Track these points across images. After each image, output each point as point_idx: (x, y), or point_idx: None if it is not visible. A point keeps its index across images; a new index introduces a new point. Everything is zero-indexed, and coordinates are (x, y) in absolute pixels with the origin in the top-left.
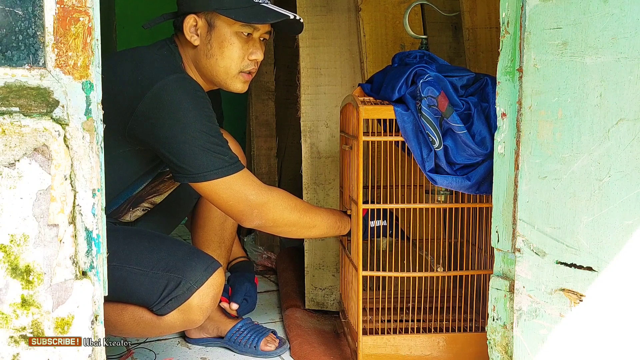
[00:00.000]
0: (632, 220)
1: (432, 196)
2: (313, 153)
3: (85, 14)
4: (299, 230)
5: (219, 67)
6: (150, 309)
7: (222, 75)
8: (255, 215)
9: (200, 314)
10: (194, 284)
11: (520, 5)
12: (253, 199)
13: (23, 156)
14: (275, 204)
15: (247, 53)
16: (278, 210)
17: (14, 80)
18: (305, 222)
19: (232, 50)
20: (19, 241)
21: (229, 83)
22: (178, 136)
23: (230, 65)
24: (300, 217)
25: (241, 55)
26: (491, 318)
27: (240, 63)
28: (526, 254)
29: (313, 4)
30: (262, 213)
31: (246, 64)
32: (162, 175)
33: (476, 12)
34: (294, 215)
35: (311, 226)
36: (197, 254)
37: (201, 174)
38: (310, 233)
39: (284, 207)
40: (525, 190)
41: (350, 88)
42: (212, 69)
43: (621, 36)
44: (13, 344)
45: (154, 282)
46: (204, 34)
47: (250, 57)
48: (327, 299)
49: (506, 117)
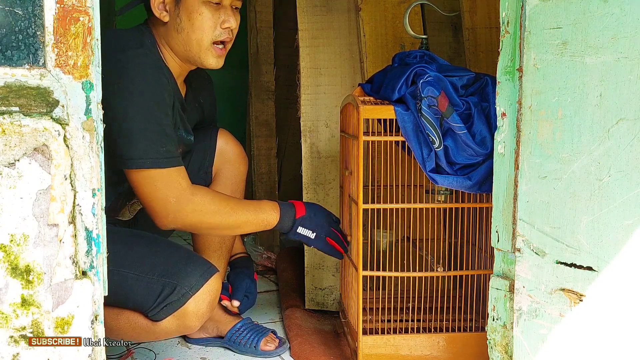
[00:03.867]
0: (632, 220)
1: (432, 196)
2: (313, 153)
3: (85, 14)
4: (221, 232)
5: (190, 40)
6: (146, 315)
7: (195, 49)
8: (170, 220)
9: (196, 320)
10: (190, 290)
11: (520, 5)
12: (172, 202)
13: (23, 156)
14: (195, 210)
15: (219, 21)
16: (197, 217)
17: (14, 80)
18: (227, 224)
19: (202, 20)
20: (19, 241)
21: (203, 57)
22: (120, 112)
23: (202, 37)
24: (222, 221)
25: (212, 25)
26: (491, 318)
27: (212, 33)
28: (526, 254)
29: (313, 4)
30: (178, 219)
31: (219, 33)
32: None
33: (476, 12)
34: (215, 219)
35: (235, 227)
36: (194, 259)
37: (130, 160)
38: (234, 233)
39: (205, 212)
40: (525, 190)
41: (350, 88)
42: (185, 43)
43: (621, 36)
44: (13, 343)
45: (149, 287)
46: (172, 8)
47: (222, 25)
48: (327, 299)
49: (506, 117)
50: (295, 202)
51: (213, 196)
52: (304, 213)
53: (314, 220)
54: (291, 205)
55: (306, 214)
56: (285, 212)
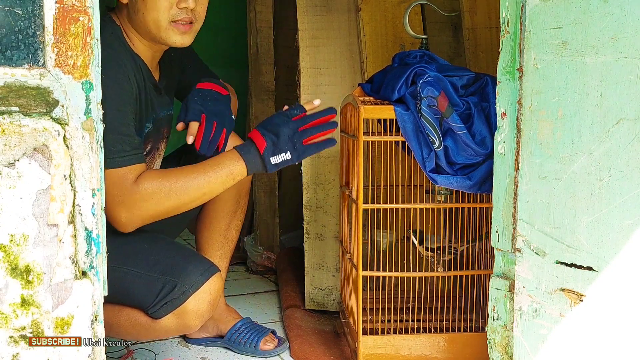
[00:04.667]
0: (632, 220)
1: (432, 196)
2: None
3: (85, 14)
4: (190, 207)
5: (147, 21)
6: (146, 312)
7: (154, 29)
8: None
9: (196, 319)
10: (190, 288)
11: (521, 4)
12: (120, 200)
13: (23, 156)
14: (145, 200)
15: (175, 1)
16: (151, 206)
17: (14, 79)
18: (189, 199)
19: (155, 0)
20: (19, 241)
21: (164, 36)
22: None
23: (157, 17)
24: (181, 199)
25: (167, 5)
26: (491, 318)
27: (168, 12)
28: (526, 254)
29: (313, 4)
30: (134, 216)
31: (175, 12)
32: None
33: (476, 11)
34: (172, 201)
35: (199, 197)
36: (195, 257)
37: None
38: (203, 201)
39: (157, 198)
40: (525, 190)
41: (350, 88)
42: (143, 24)
43: (621, 36)
44: (13, 343)
45: (149, 284)
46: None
47: (179, 5)
48: (327, 299)
49: (506, 117)
50: (252, 134)
51: (160, 178)
52: (264, 143)
53: (279, 143)
54: (250, 142)
55: (267, 142)
56: (248, 153)
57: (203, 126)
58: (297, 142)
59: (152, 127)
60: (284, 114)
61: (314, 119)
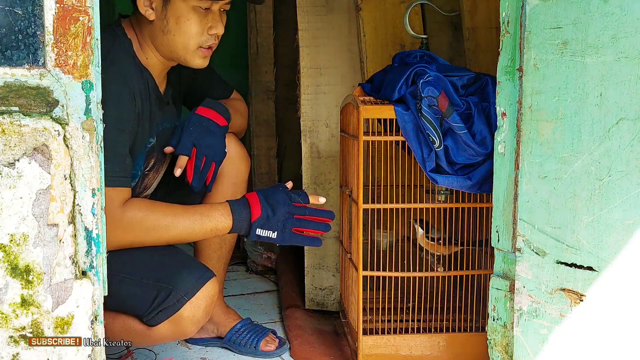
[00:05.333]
0: (633, 220)
1: (432, 196)
2: (313, 153)
3: (85, 14)
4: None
5: (176, 43)
6: (141, 319)
7: (180, 52)
8: (118, 238)
9: (191, 326)
10: (185, 295)
11: (521, 4)
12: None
13: (23, 156)
14: (126, 231)
15: (206, 28)
16: (129, 237)
17: (14, 79)
18: (167, 239)
19: (189, 26)
20: (19, 241)
21: (188, 59)
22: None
23: (188, 42)
24: (160, 237)
25: (199, 31)
26: (491, 318)
27: (199, 38)
28: (526, 254)
29: (313, 4)
30: (112, 242)
31: (205, 39)
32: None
33: (476, 11)
34: (151, 236)
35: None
36: (190, 263)
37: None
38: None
39: (138, 230)
40: (525, 190)
41: (350, 88)
42: (170, 44)
43: (621, 36)
44: (13, 343)
45: (144, 292)
46: (159, 8)
47: (209, 31)
48: (327, 299)
49: (506, 117)
50: (251, 199)
51: (148, 210)
52: (259, 214)
53: (272, 219)
54: (246, 206)
55: (262, 214)
56: (239, 216)
57: (193, 160)
58: (287, 227)
59: (155, 142)
60: (287, 194)
61: (313, 214)
